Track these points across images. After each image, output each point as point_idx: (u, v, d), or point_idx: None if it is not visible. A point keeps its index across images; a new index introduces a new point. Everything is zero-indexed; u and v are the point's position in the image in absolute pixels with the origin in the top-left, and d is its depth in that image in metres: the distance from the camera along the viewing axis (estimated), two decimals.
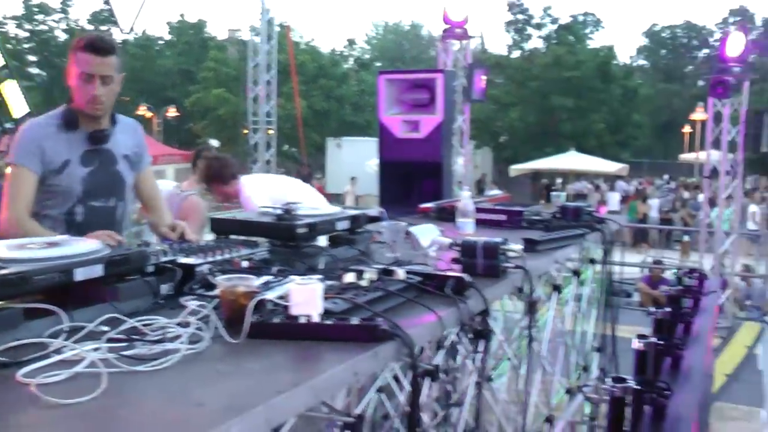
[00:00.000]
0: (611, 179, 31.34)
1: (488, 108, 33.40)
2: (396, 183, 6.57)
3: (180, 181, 6.10)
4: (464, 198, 3.83)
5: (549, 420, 4.25)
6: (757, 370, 9.49)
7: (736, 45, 11.54)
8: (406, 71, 8.42)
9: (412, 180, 6.48)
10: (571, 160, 29.69)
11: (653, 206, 24.88)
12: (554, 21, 40.25)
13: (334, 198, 22.93)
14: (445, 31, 11.33)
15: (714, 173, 12.25)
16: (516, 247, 3.10)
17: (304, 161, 24.76)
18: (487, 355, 3.93)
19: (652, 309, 3.58)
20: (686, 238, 18.95)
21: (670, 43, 56.76)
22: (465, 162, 11.76)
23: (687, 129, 41.76)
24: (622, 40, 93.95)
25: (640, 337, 2.98)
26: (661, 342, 3.03)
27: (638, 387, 2.43)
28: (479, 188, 27.07)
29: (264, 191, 5.65)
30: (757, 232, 18.47)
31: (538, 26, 40.09)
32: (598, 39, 44.85)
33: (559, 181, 31.23)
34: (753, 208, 23.66)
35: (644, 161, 41.75)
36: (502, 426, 3.89)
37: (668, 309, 3.56)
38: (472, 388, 2.99)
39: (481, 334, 2.91)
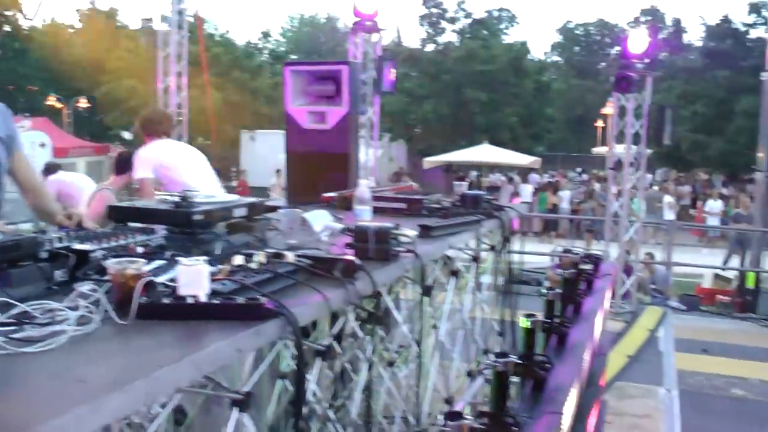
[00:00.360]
0: (525, 172, 31.94)
1: (402, 101, 33.60)
2: (303, 174, 6.62)
3: (91, 174, 6.14)
4: (361, 186, 3.91)
5: (448, 402, 4.38)
6: (658, 351, 9.90)
7: (639, 42, 11.91)
8: (312, 63, 8.49)
9: (319, 171, 6.54)
10: (485, 152, 30.08)
11: (564, 198, 25.47)
12: (468, 15, 40.74)
13: (258, 191, 22.75)
14: (355, 23, 11.41)
15: (619, 165, 12.64)
16: (409, 232, 3.20)
17: (217, 154, 24.53)
18: (387, 338, 4.05)
19: (544, 290, 3.73)
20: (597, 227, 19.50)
21: (583, 41, 57.99)
22: (376, 154, 11.83)
23: (600, 123, 42.79)
24: (537, 36, 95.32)
25: (528, 316, 3.12)
26: (548, 321, 3.18)
27: (519, 361, 2.56)
28: (396, 180, 27.27)
29: (151, 156, 5.77)
30: (663, 223, 19.12)
31: (452, 20, 40.49)
32: (513, 35, 45.56)
33: (473, 173, 31.66)
34: (668, 198, 24.60)
35: (558, 154, 42.68)
36: (404, 409, 4.00)
37: (559, 290, 3.72)
38: (366, 369, 3.08)
39: (375, 316, 3.01)
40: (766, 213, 14.67)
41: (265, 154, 27.41)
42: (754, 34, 37.89)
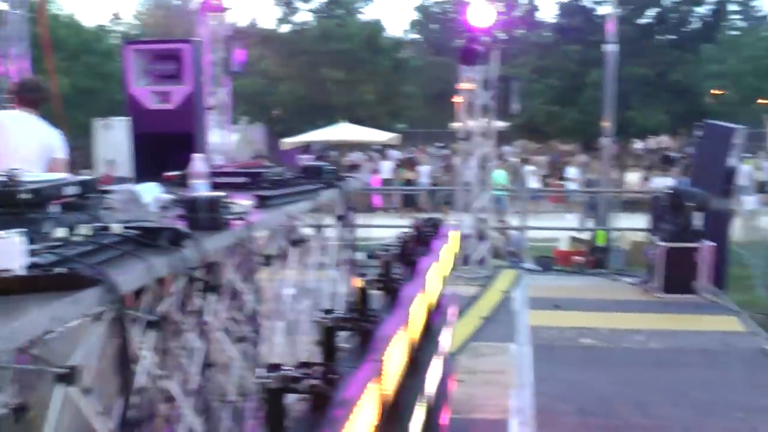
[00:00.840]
0: (387, 149, 32.24)
1: (259, 83, 33.30)
2: (150, 156, 6.54)
3: None
4: (196, 160, 3.94)
5: None
6: (512, 311, 10.32)
7: (482, 16, 12.21)
8: (153, 41, 8.36)
9: (166, 152, 6.46)
10: (343, 131, 30.17)
11: (423, 172, 25.92)
12: None
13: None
14: (202, 3, 11.27)
15: (469, 136, 13.02)
16: (243, 201, 3.25)
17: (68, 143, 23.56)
18: (236, 312, 4.09)
19: (382, 252, 3.86)
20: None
21: (441, 18, 58.80)
22: (229, 137, 11.73)
23: (458, 99, 43.44)
24: (395, 14, 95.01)
25: (361, 275, 3.25)
26: (380, 279, 3.32)
27: (345, 316, 2.67)
28: None
29: None
30: (516, 190, 19.77)
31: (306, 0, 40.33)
32: (369, 13, 45.66)
33: (333, 153, 31.73)
34: (530, 167, 25.59)
35: (420, 131, 43.25)
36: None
37: (395, 252, 3.87)
38: (201, 341, 3.12)
39: (209, 285, 3.06)
40: (610, 173, 15.40)
41: (122, 142, 26.56)
42: (601, 11, 39.44)
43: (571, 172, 25.53)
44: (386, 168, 26.95)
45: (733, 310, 10.77)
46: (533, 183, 24.27)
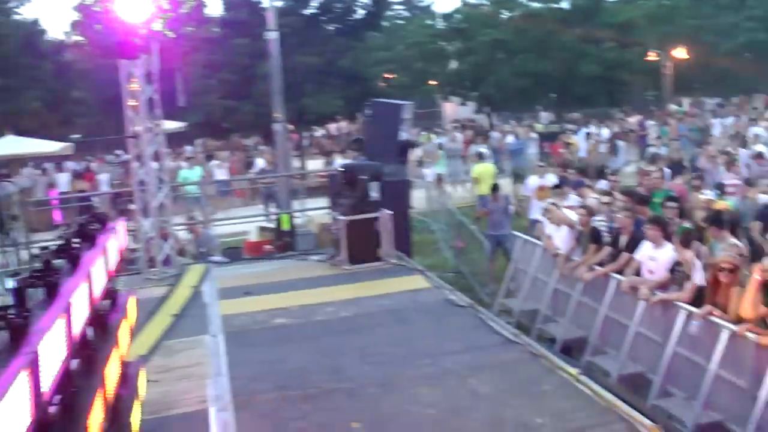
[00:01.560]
0: (63, 161, 30.39)
1: None
2: None
3: None
4: None
5: None
6: (203, 304, 10.32)
7: (136, 10, 11.87)
8: None
9: None
10: (9, 144, 27.86)
11: (103, 181, 24.87)
12: None
13: None
14: None
15: (138, 135, 12.72)
16: None
17: None
18: None
19: (42, 250, 3.72)
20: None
21: (104, 18, 56.37)
22: None
23: (133, 102, 41.95)
24: (54, 14, 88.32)
25: (15, 275, 3.11)
26: (38, 275, 3.19)
27: None
28: None
29: None
30: (197, 183, 19.64)
31: None
32: (26, 13, 42.46)
33: (3, 170, 29.36)
34: (216, 162, 25.50)
35: (97, 138, 41.42)
36: None
37: (54, 248, 3.74)
38: None
39: None
40: (288, 159, 15.76)
41: None
42: (265, 2, 40.02)
43: (260, 163, 25.80)
44: (63, 181, 25.47)
45: (418, 270, 11.55)
46: (221, 175, 24.23)
